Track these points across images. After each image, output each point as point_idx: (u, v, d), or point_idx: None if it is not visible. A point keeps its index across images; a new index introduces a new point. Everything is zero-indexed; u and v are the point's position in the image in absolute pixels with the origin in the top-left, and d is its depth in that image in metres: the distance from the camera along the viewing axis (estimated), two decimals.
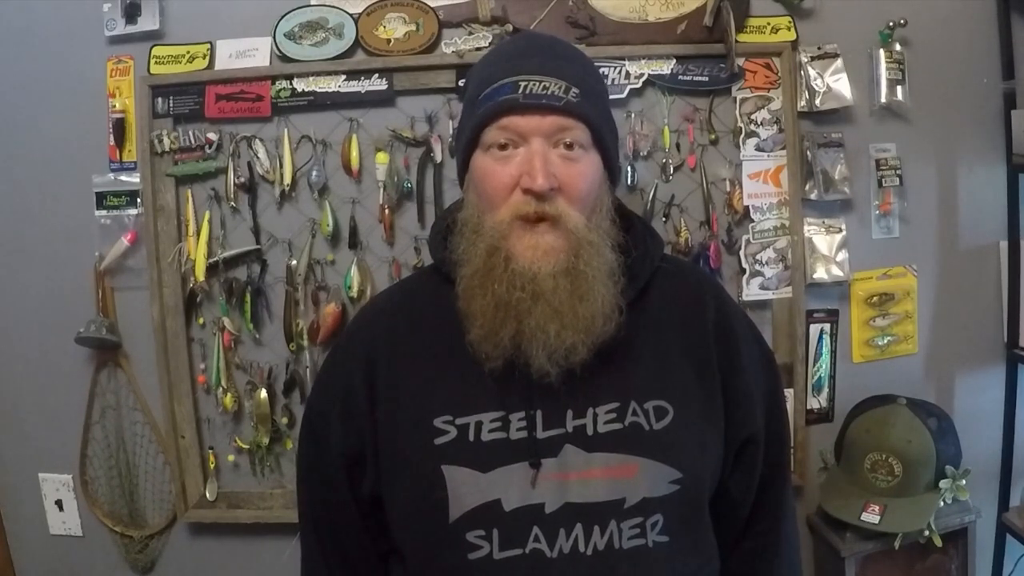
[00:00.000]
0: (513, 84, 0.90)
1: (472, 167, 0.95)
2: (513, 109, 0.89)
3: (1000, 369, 1.68)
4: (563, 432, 0.90)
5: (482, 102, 0.91)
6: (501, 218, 0.90)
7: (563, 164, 0.90)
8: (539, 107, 0.89)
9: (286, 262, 1.60)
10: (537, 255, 0.89)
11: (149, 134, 1.58)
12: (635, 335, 0.93)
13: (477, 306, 0.90)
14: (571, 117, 0.90)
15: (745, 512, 1.03)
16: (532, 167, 0.88)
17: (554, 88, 0.89)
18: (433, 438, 0.91)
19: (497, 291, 0.88)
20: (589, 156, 0.93)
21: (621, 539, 0.88)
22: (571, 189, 0.90)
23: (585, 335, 0.88)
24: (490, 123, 0.90)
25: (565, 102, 0.89)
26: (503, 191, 0.90)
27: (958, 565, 1.57)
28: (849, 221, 1.62)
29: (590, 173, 0.93)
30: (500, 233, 0.90)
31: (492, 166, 0.91)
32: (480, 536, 0.88)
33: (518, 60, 0.92)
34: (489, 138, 0.91)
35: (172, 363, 1.62)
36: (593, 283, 0.89)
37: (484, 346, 0.89)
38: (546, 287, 0.88)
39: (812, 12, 1.59)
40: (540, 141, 0.89)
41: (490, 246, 0.90)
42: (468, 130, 0.94)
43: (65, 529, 1.74)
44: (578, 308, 0.88)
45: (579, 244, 0.90)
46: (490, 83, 0.91)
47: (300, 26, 1.55)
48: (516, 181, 0.89)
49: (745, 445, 1.00)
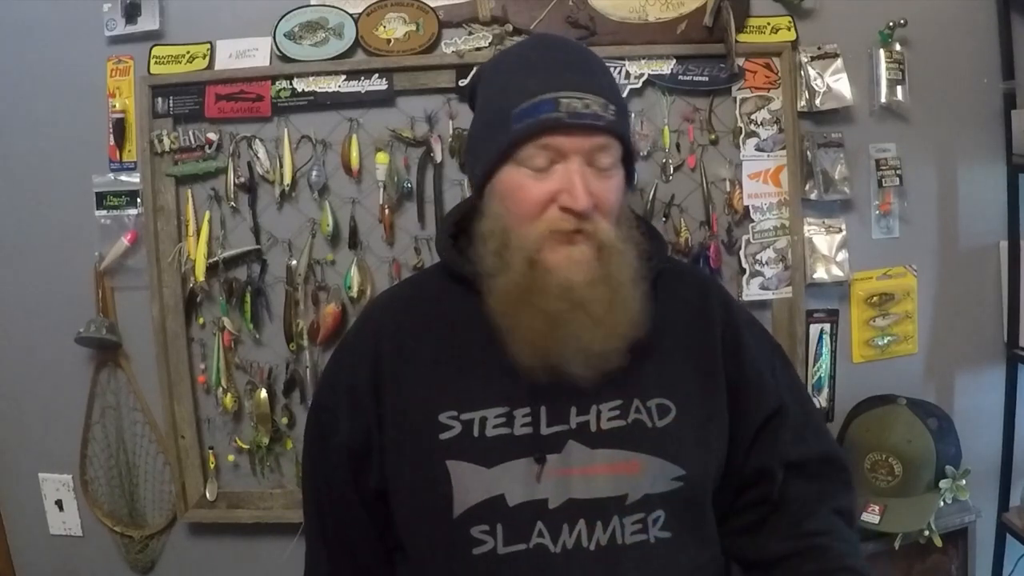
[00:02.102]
0: (554, 101, 0.88)
1: (500, 180, 0.93)
2: (557, 128, 0.88)
3: (1000, 369, 1.68)
4: (567, 428, 0.91)
5: (520, 116, 0.89)
6: (538, 232, 0.90)
7: (598, 181, 0.90)
8: (582, 127, 0.88)
9: (286, 262, 1.60)
10: (572, 265, 0.89)
11: (149, 134, 1.58)
12: (640, 335, 0.94)
13: (524, 321, 0.90)
14: (610, 136, 0.91)
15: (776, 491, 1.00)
16: (573, 186, 0.88)
17: (596, 107, 0.89)
18: (438, 433, 0.91)
19: (541, 304, 0.89)
20: (619, 171, 0.94)
21: (624, 534, 0.89)
22: (604, 204, 0.91)
23: (620, 341, 0.90)
24: (529, 140, 0.89)
25: (606, 121, 0.89)
26: (537, 207, 0.90)
27: (958, 565, 1.57)
28: (849, 221, 1.62)
29: (620, 187, 0.94)
30: (536, 246, 0.90)
31: (526, 182, 0.90)
32: (484, 531, 0.89)
33: (553, 72, 0.91)
34: (526, 155, 0.90)
35: (172, 363, 1.62)
36: (626, 290, 0.91)
37: (530, 359, 0.90)
38: (585, 296, 0.89)
39: (812, 12, 1.59)
40: (579, 160, 0.89)
41: (529, 259, 0.90)
42: (499, 144, 0.92)
43: (65, 529, 1.74)
44: (616, 315, 0.89)
45: (611, 254, 0.91)
46: (526, 97, 0.89)
47: (300, 26, 1.55)
48: (551, 197, 0.89)
49: (767, 421, 1.00)
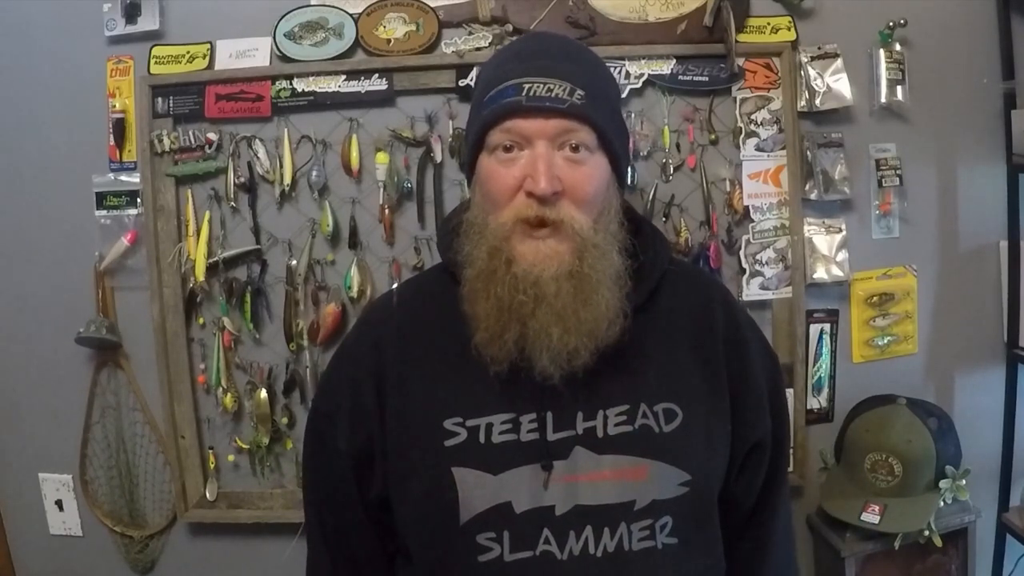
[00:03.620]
0: (517, 86, 0.89)
1: (478, 169, 0.94)
2: (517, 112, 0.88)
3: (1000, 369, 1.68)
4: (573, 434, 0.90)
5: (487, 104, 0.91)
6: (503, 220, 0.89)
7: (568, 167, 0.89)
8: (542, 109, 0.88)
9: (286, 262, 1.60)
10: (539, 259, 0.88)
11: (149, 134, 1.58)
12: (644, 338, 0.93)
13: (481, 309, 0.89)
14: (575, 120, 0.89)
15: (745, 512, 1.03)
16: (535, 170, 0.87)
17: (558, 90, 0.88)
18: (443, 439, 0.90)
19: (499, 294, 0.88)
20: (595, 158, 0.92)
21: (631, 541, 0.88)
22: (576, 192, 0.89)
23: (588, 339, 0.88)
24: (494, 125, 0.90)
25: (569, 104, 0.88)
26: (507, 193, 0.90)
27: (958, 565, 1.57)
28: (849, 221, 1.62)
29: (596, 175, 0.92)
30: (502, 235, 0.89)
31: (496, 168, 0.91)
32: (491, 538, 0.88)
33: (524, 61, 0.92)
34: (493, 140, 0.90)
35: (172, 363, 1.62)
36: (598, 287, 0.89)
37: (489, 349, 0.89)
38: (548, 291, 0.87)
39: (812, 12, 1.59)
40: (544, 144, 0.88)
41: (492, 248, 0.89)
42: (473, 132, 0.94)
43: (65, 529, 1.74)
44: (581, 312, 0.88)
45: (584, 247, 0.89)
46: (495, 85, 0.91)
47: (300, 26, 1.55)
48: (520, 183, 0.89)
49: (754, 448, 1.01)
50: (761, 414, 1.00)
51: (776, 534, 1.04)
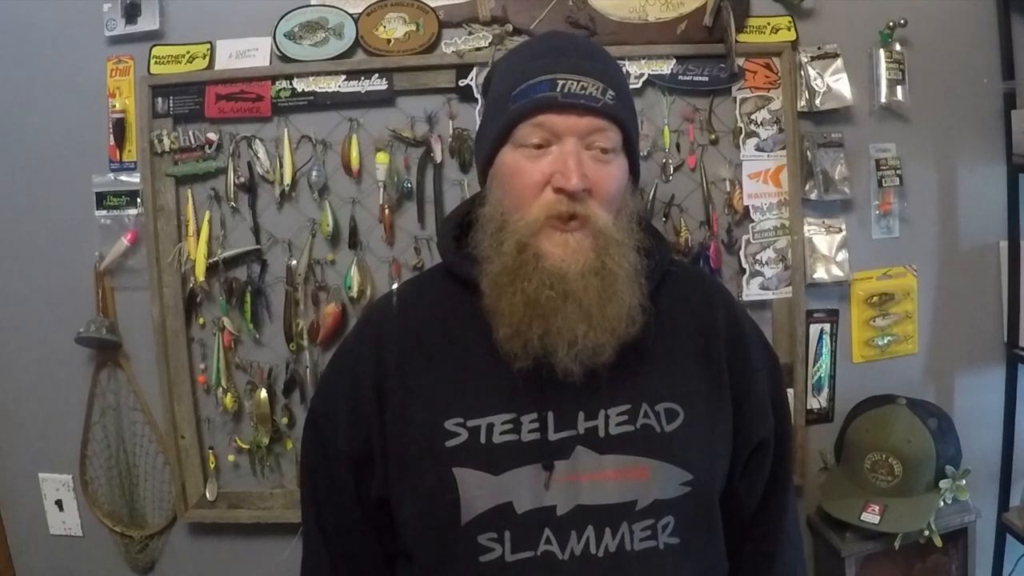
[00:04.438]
0: (551, 82, 0.89)
1: (499, 163, 0.94)
2: (551, 107, 0.88)
3: (1000, 369, 1.68)
4: (575, 434, 0.89)
5: (516, 98, 0.90)
6: (533, 216, 0.89)
7: (595, 165, 0.90)
8: (576, 107, 0.88)
9: (286, 262, 1.60)
10: (567, 253, 0.88)
11: (149, 134, 1.58)
12: (646, 337, 0.93)
13: (506, 304, 0.89)
14: (607, 119, 0.90)
15: (749, 514, 1.03)
16: (566, 166, 0.87)
17: (592, 89, 0.89)
18: (444, 440, 0.90)
19: (527, 289, 0.88)
20: (619, 159, 0.93)
21: (632, 541, 0.88)
22: (601, 191, 0.90)
23: (612, 336, 0.88)
24: (525, 120, 0.90)
25: (602, 103, 0.89)
26: (534, 189, 0.90)
27: (958, 565, 1.57)
28: (849, 221, 1.62)
29: (619, 175, 0.93)
30: (530, 230, 0.89)
31: (523, 163, 0.90)
32: (492, 539, 0.88)
33: (555, 57, 0.92)
34: (522, 135, 0.90)
35: (172, 363, 1.62)
36: (622, 283, 0.89)
37: (512, 345, 0.89)
38: (576, 286, 0.87)
39: (812, 12, 1.59)
40: (574, 141, 0.89)
41: (519, 243, 0.89)
42: (499, 125, 0.93)
43: (65, 529, 1.74)
44: (607, 308, 0.88)
45: (607, 244, 0.89)
46: (525, 79, 0.90)
47: (300, 26, 1.55)
48: (547, 179, 0.89)
49: (757, 448, 1.01)
50: (763, 413, 1.01)
51: (783, 541, 1.04)
